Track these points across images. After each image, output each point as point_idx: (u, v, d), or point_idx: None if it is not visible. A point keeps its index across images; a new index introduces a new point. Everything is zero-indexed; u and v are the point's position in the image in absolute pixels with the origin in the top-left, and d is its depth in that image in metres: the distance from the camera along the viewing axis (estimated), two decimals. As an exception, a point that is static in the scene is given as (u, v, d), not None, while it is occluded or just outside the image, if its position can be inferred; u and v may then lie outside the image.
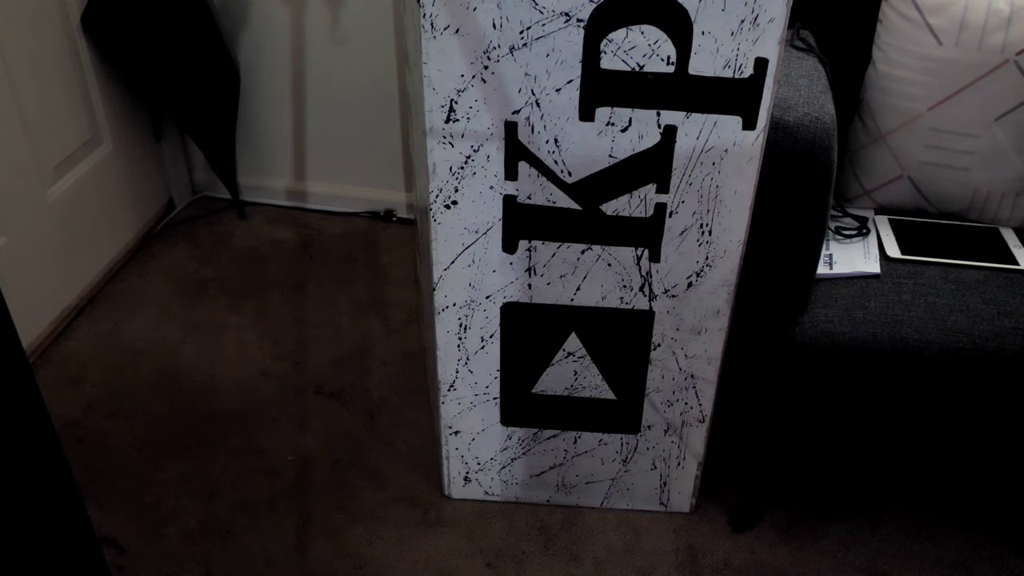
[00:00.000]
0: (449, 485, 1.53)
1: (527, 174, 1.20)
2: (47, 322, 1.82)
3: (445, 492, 1.54)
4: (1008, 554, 1.47)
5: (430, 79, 1.13)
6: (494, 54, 1.11)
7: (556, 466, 1.49)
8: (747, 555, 1.46)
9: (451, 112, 1.15)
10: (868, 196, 1.51)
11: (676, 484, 1.50)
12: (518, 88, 1.13)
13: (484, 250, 1.27)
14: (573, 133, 1.17)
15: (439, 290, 1.31)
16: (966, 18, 1.34)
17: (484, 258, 1.28)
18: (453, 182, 1.21)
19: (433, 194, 1.22)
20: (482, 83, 1.13)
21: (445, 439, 1.47)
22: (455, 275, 1.29)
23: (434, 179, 1.21)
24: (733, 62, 1.11)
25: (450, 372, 1.39)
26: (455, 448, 1.48)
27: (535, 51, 1.10)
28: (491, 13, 1.08)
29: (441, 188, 1.22)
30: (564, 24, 1.08)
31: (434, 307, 1.33)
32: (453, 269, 1.29)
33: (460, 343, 1.36)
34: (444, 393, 1.42)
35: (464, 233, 1.25)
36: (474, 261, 1.28)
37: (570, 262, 1.28)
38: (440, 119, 1.16)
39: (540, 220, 1.24)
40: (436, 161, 1.19)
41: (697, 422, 1.42)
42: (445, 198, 1.22)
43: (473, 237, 1.26)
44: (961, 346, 1.24)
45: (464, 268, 1.29)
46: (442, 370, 1.39)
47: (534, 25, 1.08)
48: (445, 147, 1.18)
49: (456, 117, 1.16)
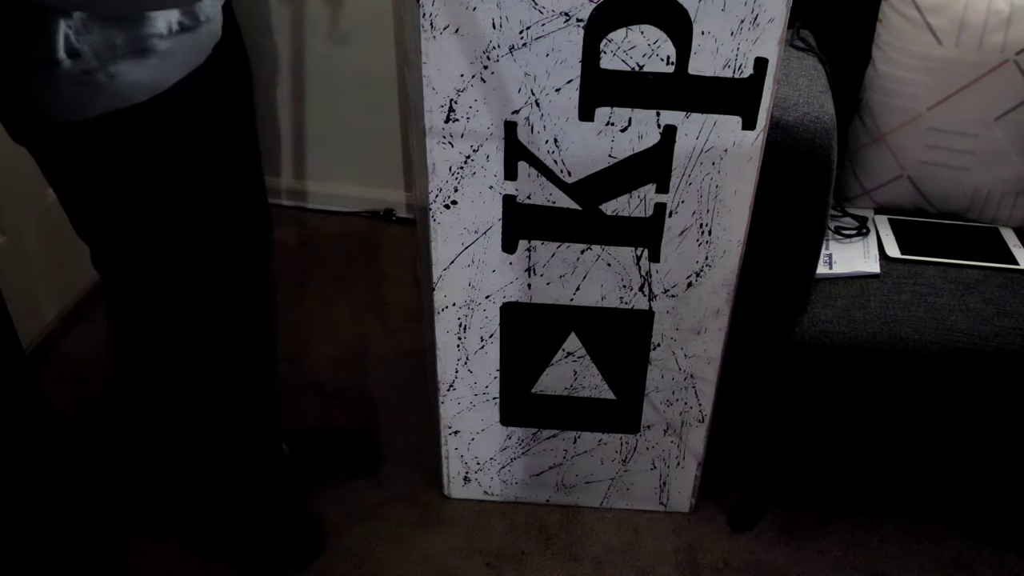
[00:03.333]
0: (449, 485, 1.53)
1: (527, 174, 1.20)
2: (47, 322, 1.82)
3: (445, 492, 1.53)
4: (1008, 554, 1.47)
5: (430, 79, 1.12)
6: (494, 54, 1.11)
7: (555, 466, 1.49)
8: (747, 555, 1.46)
9: (451, 112, 1.15)
10: (868, 196, 1.51)
11: (676, 484, 1.50)
12: (518, 88, 1.13)
13: (484, 250, 1.27)
14: (573, 133, 1.16)
15: (439, 290, 1.31)
16: (966, 18, 1.34)
17: (484, 258, 1.27)
18: (453, 182, 1.21)
19: (432, 194, 1.22)
20: (482, 83, 1.13)
21: (445, 439, 1.47)
22: (454, 275, 1.29)
23: (433, 179, 1.21)
24: (733, 62, 1.10)
25: (449, 372, 1.39)
26: (454, 448, 1.48)
27: (535, 51, 1.10)
28: (491, 13, 1.07)
29: (441, 188, 1.21)
30: (564, 24, 1.08)
31: (433, 307, 1.33)
32: (452, 269, 1.29)
33: (460, 343, 1.36)
34: (444, 393, 1.41)
35: (464, 233, 1.25)
36: (474, 261, 1.28)
37: (570, 262, 1.28)
38: (440, 119, 1.16)
39: (540, 220, 1.24)
40: (436, 161, 1.19)
41: (697, 422, 1.42)
42: (445, 198, 1.22)
43: (473, 237, 1.26)
44: (961, 346, 1.24)
45: (464, 268, 1.28)
46: (441, 370, 1.39)
47: (534, 25, 1.08)
48: (445, 147, 1.18)
49: (456, 117, 1.15)
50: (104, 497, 1.51)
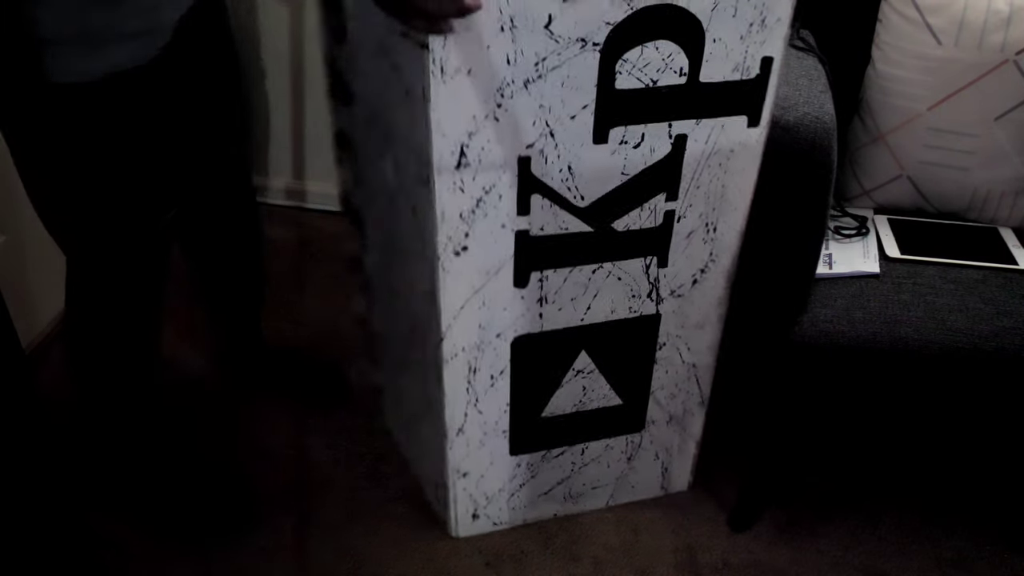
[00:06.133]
0: (456, 525, 1.46)
1: (539, 206, 1.15)
2: (47, 322, 1.82)
3: (452, 533, 1.46)
4: (1008, 553, 1.47)
5: (439, 123, 1.05)
6: (507, 90, 1.05)
7: (563, 480, 1.46)
8: (746, 554, 1.46)
9: (462, 156, 1.08)
10: (867, 196, 1.51)
11: (676, 467, 1.50)
12: (532, 121, 1.08)
13: (495, 290, 1.20)
14: (586, 157, 1.12)
15: (447, 340, 1.23)
16: (965, 18, 1.34)
17: (494, 297, 1.21)
18: (463, 227, 1.13)
19: (442, 243, 1.14)
20: (495, 122, 1.07)
21: (452, 483, 1.40)
22: (464, 321, 1.22)
23: (443, 227, 1.13)
24: (741, 64, 1.10)
25: (458, 417, 1.32)
26: (463, 489, 1.41)
27: (550, 81, 1.05)
28: (505, 48, 1.02)
29: (451, 236, 1.14)
30: (580, 50, 1.04)
31: (440, 358, 1.25)
32: (462, 315, 1.21)
33: (469, 386, 1.29)
34: (452, 438, 1.34)
35: (474, 276, 1.18)
36: (484, 303, 1.21)
37: (581, 283, 1.23)
38: (450, 164, 1.08)
39: (553, 249, 1.19)
40: (445, 208, 1.11)
41: (697, 407, 1.42)
42: (455, 245, 1.15)
43: (484, 279, 1.19)
44: (960, 346, 1.24)
45: (473, 311, 1.21)
46: (449, 416, 1.31)
47: (549, 55, 1.03)
48: (454, 193, 1.10)
49: (467, 161, 1.08)
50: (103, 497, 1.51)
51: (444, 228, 1.13)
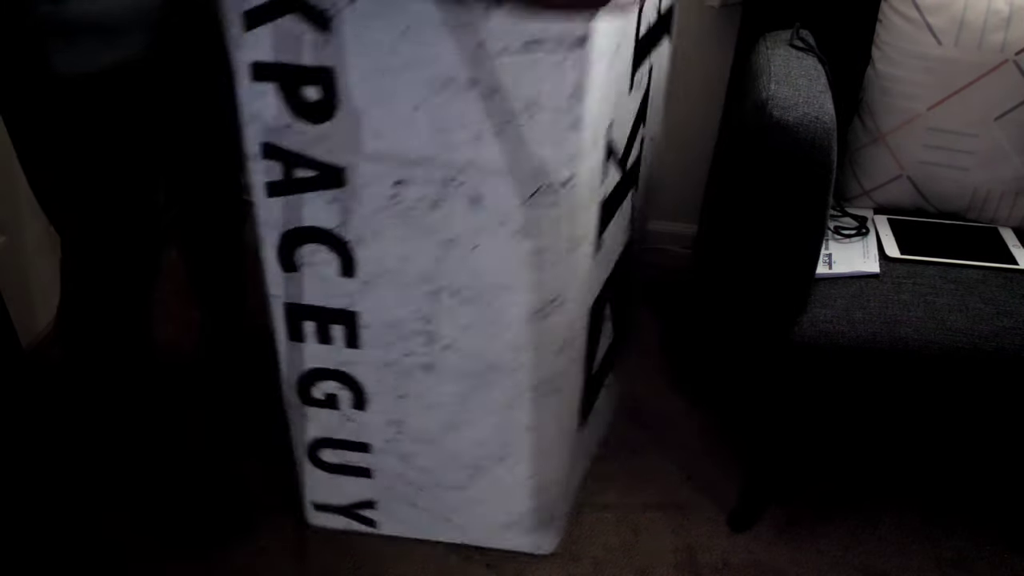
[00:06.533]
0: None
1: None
2: (47, 322, 1.82)
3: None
4: (1008, 553, 1.47)
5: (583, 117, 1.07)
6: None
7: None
8: (746, 554, 1.46)
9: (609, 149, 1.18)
10: (867, 196, 1.51)
11: None
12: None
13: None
14: (625, 109, 1.20)
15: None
16: (965, 18, 1.34)
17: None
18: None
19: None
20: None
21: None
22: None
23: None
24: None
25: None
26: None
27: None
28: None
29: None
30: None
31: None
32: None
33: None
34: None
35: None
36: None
37: (619, 230, 1.33)
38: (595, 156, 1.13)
39: (612, 206, 1.26)
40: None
41: None
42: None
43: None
44: (960, 346, 1.24)
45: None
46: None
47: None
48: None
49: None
50: (103, 497, 1.51)
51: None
